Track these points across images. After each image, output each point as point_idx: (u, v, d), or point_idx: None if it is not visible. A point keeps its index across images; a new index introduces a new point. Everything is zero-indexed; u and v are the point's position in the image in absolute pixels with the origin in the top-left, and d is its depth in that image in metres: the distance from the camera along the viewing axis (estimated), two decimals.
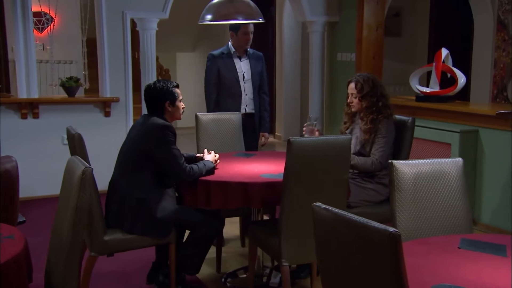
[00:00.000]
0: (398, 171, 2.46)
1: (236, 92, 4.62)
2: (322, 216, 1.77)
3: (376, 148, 3.93)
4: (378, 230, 1.56)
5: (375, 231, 1.57)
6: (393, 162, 2.48)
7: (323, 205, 1.77)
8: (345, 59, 6.95)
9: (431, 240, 2.33)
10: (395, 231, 1.53)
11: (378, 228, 1.56)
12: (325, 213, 1.75)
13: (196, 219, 3.48)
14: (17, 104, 5.75)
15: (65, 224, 2.28)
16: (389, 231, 1.54)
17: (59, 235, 2.35)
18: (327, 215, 1.75)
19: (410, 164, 2.49)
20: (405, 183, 2.46)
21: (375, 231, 1.57)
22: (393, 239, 1.53)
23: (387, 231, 1.54)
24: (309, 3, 6.78)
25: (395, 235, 1.53)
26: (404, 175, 2.46)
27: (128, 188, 3.38)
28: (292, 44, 9.09)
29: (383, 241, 1.55)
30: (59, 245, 2.32)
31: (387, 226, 1.56)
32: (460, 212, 2.53)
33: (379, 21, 6.54)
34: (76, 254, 2.28)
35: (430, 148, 5.33)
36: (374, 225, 1.58)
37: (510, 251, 2.17)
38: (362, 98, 3.97)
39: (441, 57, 5.64)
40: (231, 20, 3.77)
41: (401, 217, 2.44)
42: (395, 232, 1.53)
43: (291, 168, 3.16)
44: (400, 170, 2.47)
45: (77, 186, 2.25)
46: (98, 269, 3.95)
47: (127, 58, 6.08)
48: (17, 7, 5.66)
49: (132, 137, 3.51)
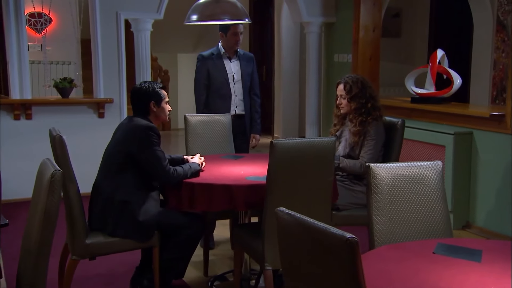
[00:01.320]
0: (375, 174, 2.41)
1: (225, 93, 4.58)
2: (285, 221, 1.72)
3: (365, 150, 3.88)
4: (336, 236, 1.51)
5: (333, 237, 1.53)
6: (370, 165, 2.43)
7: (286, 210, 1.73)
8: (342, 60, 6.89)
9: (407, 244, 2.28)
10: (352, 238, 1.49)
11: (335, 234, 1.52)
12: (287, 218, 1.71)
13: (179, 222, 3.44)
14: (10, 105, 5.73)
15: (34, 227, 2.25)
16: (346, 237, 1.49)
17: (28, 238, 2.32)
18: (289, 220, 1.70)
19: (387, 168, 2.44)
20: (382, 186, 2.41)
21: (333, 237, 1.52)
22: (349, 246, 1.48)
23: (344, 237, 1.49)
24: (306, 4, 6.73)
25: (352, 242, 1.48)
26: (381, 178, 2.42)
27: (111, 190, 3.35)
28: (291, 45, 9.04)
29: (340, 247, 1.50)
30: (28, 249, 2.29)
31: (345, 232, 1.51)
32: (439, 216, 2.48)
33: (375, 22, 6.49)
34: (44, 258, 2.24)
35: (424, 150, 5.28)
36: (332, 231, 1.54)
37: (485, 256, 2.12)
38: (351, 99, 3.93)
39: (437, 58, 5.59)
40: (217, 20, 3.73)
41: (378, 221, 2.39)
42: (352, 239, 1.48)
43: (274, 170, 3.12)
44: (377, 173, 2.42)
45: (46, 189, 2.21)
46: (83, 272, 3.93)
47: (121, 59, 6.05)
48: (10, 8, 5.65)
49: (116, 138, 3.47)
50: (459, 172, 5.03)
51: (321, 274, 1.61)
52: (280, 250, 1.79)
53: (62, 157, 3.24)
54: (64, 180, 3.28)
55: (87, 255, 3.33)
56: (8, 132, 5.72)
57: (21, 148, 5.78)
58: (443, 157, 5.08)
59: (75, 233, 3.27)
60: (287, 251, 1.76)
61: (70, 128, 5.95)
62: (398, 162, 2.52)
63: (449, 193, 5.05)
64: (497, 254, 2.16)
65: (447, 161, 5.04)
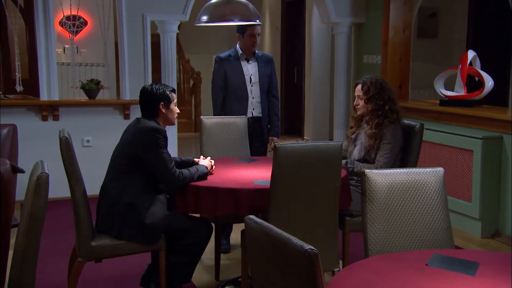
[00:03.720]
0: (370, 181, 2.31)
1: (242, 95, 4.52)
2: (253, 230, 1.65)
3: (381, 154, 3.76)
4: (296, 246, 1.44)
5: (293, 248, 1.45)
6: (365, 171, 2.33)
7: (255, 218, 1.66)
8: (371, 61, 6.74)
9: (401, 255, 2.17)
10: (311, 249, 1.40)
11: (295, 244, 1.44)
12: (255, 227, 1.64)
13: (186, 225, 3.40)
14: (38, 106, 5.82)
15: (21, 230, 2.24)
16: (304, 249, 1.41)
17: (17, 241, 2.31)
18: (256, 228, 1.63)
19: (384, 174, 2.34)
20: (378, 193, 2.31)
21: (293, 248, 1.45)
22: (308, 258, 1.40)
23: (303, 249, 1.41)
24: (334, 4, 6.61)
25: (310, 254, 1.40)
26: (376, 185, 2.31)
27: (117, 192, 3.33)
28: (322, 46, 8.90)
29: (300, 259, 1.42)
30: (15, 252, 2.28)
31: (305, 244, 1.43)
32: (440, 225, 2.35)
33: (406, 22, 6.33)
34: (30, 261, 2.23)
35: (451, 155, 5.09)
36: (292, 241, 1.46)
37: (481, 270, 2.00)
38: (368, 100, 3.81)
39: (467, 60, 5.39)
40: (227, 21, 3.67)
41: (373, 230, 2.29)
42: (310, 251, 1.40)
43: (278, 175, 3.05)
44: (373, 180, 2.31)
45: (31, 191, 2.20)
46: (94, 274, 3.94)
47: (147, 60, 6.07)
48: (39, 11, 5.74)
49: (123, 140, 3.46)
50: (488, 178, 4.83)
51: (284, 285, 1.53)
52: (249, 259, 1.73)
53: (68, 158, 3.24)
54: (70, 182, 3.30)
55: (92, 258, 3.32)
56: (36, 132, 5.81)
57: (48, 148, 5.84)
58: (471, 163, 4.89)
59: (80, 235, 3.27)
60: (254, 259, 1.69)
61: (96, 129, 6.02)
62: (397, 169, 2.40)
63: (477, 200, 4.86)
64: (495, 267, 2.03)
65: (475, 166, 4.85)
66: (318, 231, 3.20)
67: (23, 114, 5.79)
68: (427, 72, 7.62)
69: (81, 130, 5.97)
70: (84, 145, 6.02)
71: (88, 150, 5.99)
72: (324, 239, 3.22)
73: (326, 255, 3.24)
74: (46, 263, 4.24)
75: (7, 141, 5.20)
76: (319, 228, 3.20)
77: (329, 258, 3.23)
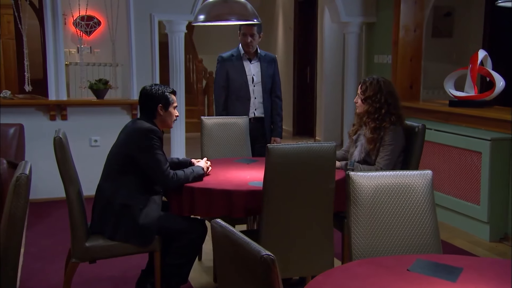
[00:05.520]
0: (354, 184, 2.25)
1: (244, 95, 4.48)
2: (218, 233, 1.61)
3: (381, 156, 3.68)
4: (253, 251, 1.39)
5: (250, 252, 1.41)
6: (350, 174, 2.28)
7: (220, 221, 1.62)
8: (381, 61, 6.65)
9: (383, 260, 2.11)
10: (267, 255, 1.36)
11: (253, 249, 1.40)
12: (219, 230, 1.60)
13: (181, 226, 3.37)
14: (46, 106, 5.85)
15: (2, 230, 2.23)
16: (261, 254, 1.36)
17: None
18: (220, 232, 1.59)
19: (369, 177, 2.28)
20: (363, 196, 2.25)
21: (250, 253, 1.40)
22: (264, 263, 1.36)
23: (259, 254, 1.37)
24: (344, 3, 6.54)
25: (267, 259, 1.36)
26: (361, 187, 2.25)
27: (111, 193, 3.32)
28: (333, 46, 8.81)
29: (257, 264, 1.38)
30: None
31: (262, 249, 1.38)
32: (427, 230, 2.29)
33: (417, 21, 6.23)
34: (9, 262, 2.22)
35: (460, 156, 4.99)
36: (251, 246, 1.41)
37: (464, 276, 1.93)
38: (364, 101, 3.75)
39: (478, 59, 5.29)
40: (224, 21, 3.63)
41: (357, 234, 2.23)
42: (267, 256, 1.36)
43: (270, 176, 3.01)
44: (357, 182, 2.26)
45: (11, 192, 2.19)
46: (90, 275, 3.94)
47: (155, 60, 6.07)
48: (47, 11, 5.77)
49: (119, 140, 3.45)
50: (497, 180, 4.72)
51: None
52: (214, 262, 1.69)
53: (61, 158, 3.23)
54: (64, 182, 3.29)
55: (86, 258, 3.31)
56: (44, 132, 5.83)
57: None
58: (480, 165, 4.78)
59: (75, 236, 3.26)
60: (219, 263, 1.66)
61: (104, 129, 6.03)
62: (383, 171, 2.34)
63: (485, 203, 4.76)
64: (477, 273, 1.96)
65: (483, 168, 4.75)
66: (313, 233, 3.15)
67: (32, 114, 5.82)
68: (442, 72, 7.47)
69: (89, 129, 5.99)
70: (92, 145, 6.03)
71: (96, 149, 6.00)
72: (318, 241, 3.17)
73: (321, 256, 3.19)
74: (46, 263, 4.25)
75: (13, 141, 5.24)
76: (313, 230, 3.15)
77: (324, 259, 3.18)
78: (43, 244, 4.67)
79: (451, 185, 5.12)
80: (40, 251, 4.52)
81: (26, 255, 4.41)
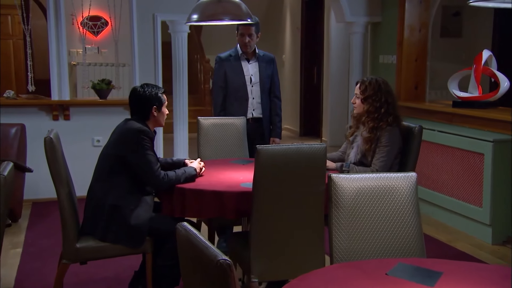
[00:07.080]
0: (336, 186, 2.21)
1: (242, 95, 4.44)
2: (182, 237, 1.59)
3: (377, 157, 3.64)
4: (210, 256, 1.36)
5: (208, 256, 1.38)
6: (332, 176, 2.24)
7: (185, 225, 1.60)
8: (387, 61, 6.59)
9: (363, 263, 2.07)
10: (224, 260, 1.33)
11: (211, 253, 1.37)
12: (183, 234, 1.58)
13: (172, 227, 3.32)
14: (49, 106, 5.87)
15: None
16: (217, 258, 1.33)
17: None
18: (184, 235, 1.57)
19: (351, 179, 2.24)
20: (344, 199, 2.21)
21: (208, 257, 1.37)
22: (220, 269, 1.33)
23: (216, 259, 1.34)
24: (349, 3, 6.48)
25: (223, 264, 1.33)
26: (343, 190, 2.21)
27: (102, 193, 3.30)
28: (340, 46, 8.75)
29: (213, 269, 1.35)
30: None
31: (220, 254, 1.35)
32: (411, 233, 2.24)
33: (422, 21, 6.17)
34: None
35: (462, 158, 4.92)
36: (209, 250, 1.38)
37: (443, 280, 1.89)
38: (364, 100, 3.70)
39: (482, 60, 5.21)
40: (217, 20, 3.60)
41: (338, 237, 2.19)
42: (223, 262, 1.33)
43: (260, 178, 2.97)
44: (339, 184, 2.22)
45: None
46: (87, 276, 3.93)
47: (158, 60, 6.06)
48: (50, 11, 5.79)
49: (110, 141, 3.43)
50: (499, 183, 4.64)
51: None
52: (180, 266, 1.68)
53: (52, 159, 3.22)
54: (55, 183, 3.29)
55: (77, 259, 3.30)
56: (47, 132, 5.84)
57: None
58: (482, 166, 4.71)
59: (65, 237, 3.26)
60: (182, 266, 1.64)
61: (107, 129, 5.98)
62: (365, 174, 2.30)
63: (487, 205, 4.68)
64: (457, 278, 1.92)
65: (485, 170, 4.67)
66: (304, 235, 3.11)
67: (34, 114, 5.85)
68: (452, 72, 7.39)
69: (91, 129, 6.00)
70: (94, 145, 6.04)
71: (98, 150, 5.90)
72: (309, 243, 3.13)
73: (312, 258, 3.15)
74: (46, 263, 4.25)
75: (15, 141, 5.26)
76: (304, 232, 3.11)
77: (315, 261, 3.14)
78: (42, 244, 4.68)
79: (454, 187, 5.05)
80: (39, 251, 4.53)
81: (25, 255, 4.42)
